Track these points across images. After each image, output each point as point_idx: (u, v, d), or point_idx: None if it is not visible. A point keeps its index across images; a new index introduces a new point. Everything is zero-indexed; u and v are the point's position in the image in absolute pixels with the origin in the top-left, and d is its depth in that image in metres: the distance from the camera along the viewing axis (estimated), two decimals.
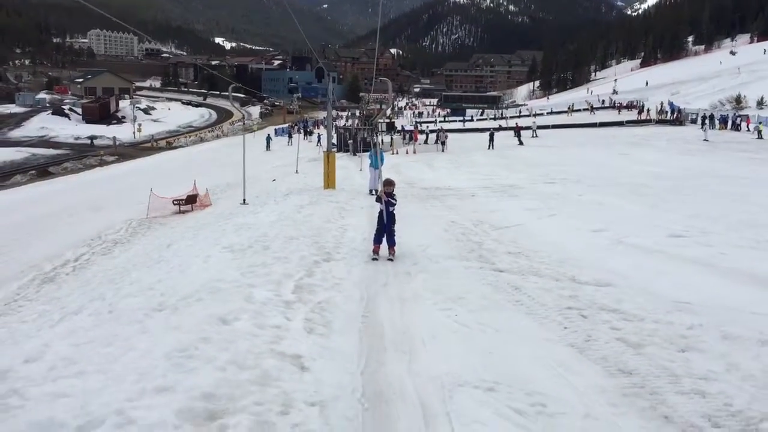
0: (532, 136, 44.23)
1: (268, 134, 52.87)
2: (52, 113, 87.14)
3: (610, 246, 9.24)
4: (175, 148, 62.77)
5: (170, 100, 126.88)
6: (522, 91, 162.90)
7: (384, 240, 8.55)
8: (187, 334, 4.30)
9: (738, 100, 60.99)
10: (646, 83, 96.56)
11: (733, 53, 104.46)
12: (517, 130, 41.04)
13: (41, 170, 47.68)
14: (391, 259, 8.32)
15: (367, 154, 24.17)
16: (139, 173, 41.12)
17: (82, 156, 54.60)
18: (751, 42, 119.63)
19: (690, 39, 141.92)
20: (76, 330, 4.99)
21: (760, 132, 37.07)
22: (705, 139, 36.42)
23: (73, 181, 39.52)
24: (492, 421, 3.42)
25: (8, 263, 16.93)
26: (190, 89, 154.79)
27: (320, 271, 7.11)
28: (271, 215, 12.59)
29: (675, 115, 56.59)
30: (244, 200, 16.75)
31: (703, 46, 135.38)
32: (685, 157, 28.60)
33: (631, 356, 4.40)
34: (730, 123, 46.55)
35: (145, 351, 4.01)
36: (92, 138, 65.40)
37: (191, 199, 21.46)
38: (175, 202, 21.24)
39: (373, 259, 8.34)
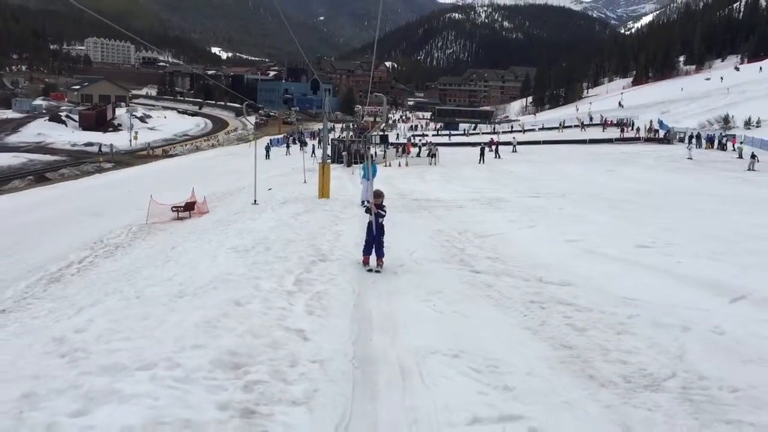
0: (513, 151, 46.08)
1: (268, 143, 54.27)
2: (49, 120, 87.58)
3: (581, 254, 10.14)
4: (172, 156, 63.43)
5: (166, 108, 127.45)
6: (515, 106, 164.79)
7: (373, 251, 8.74)
8: (210, 311, 5.22)
9: (726, 120, 62.45)
10: (619, 104, 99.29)
11: (737, 69, 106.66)
12: (494, 146, 43.38)
13: (38, 176, 48.25)
14: (378, 271, 8.49)
15: (360, 166, 24.98)
16: (137, 180, 41.67)
17: (79, 162, 55.35)
18: (741, 63, 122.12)
19: (681, 59, 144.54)
20: (110, 311, 5.88)
21: (741, 152, 38.32)
22: (689, 158, 37.62)
23: (73, 187, 40.15)
24: (454, 376, 4.38)
25: (15, 264, 17.64)
26: (186, 98, 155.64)
27: (317, 269, 8.01)
28: (269, 221, 13.42)
29: (664, 134, 58.11)
30: (255, 201, 17.84)
31: (694, 66, 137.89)
32: (669, 174, 29.71)
33: (575, 336, 5.37)
34: (716, 142, 47.93)
35: (177, 323, 4.91)
36: (100, 145, 65.98)
37: (189, 206, 22.10)
38: (173, 209, 21.91)
39: (367, 270, 8.53)
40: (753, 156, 32.75)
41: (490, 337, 5.30)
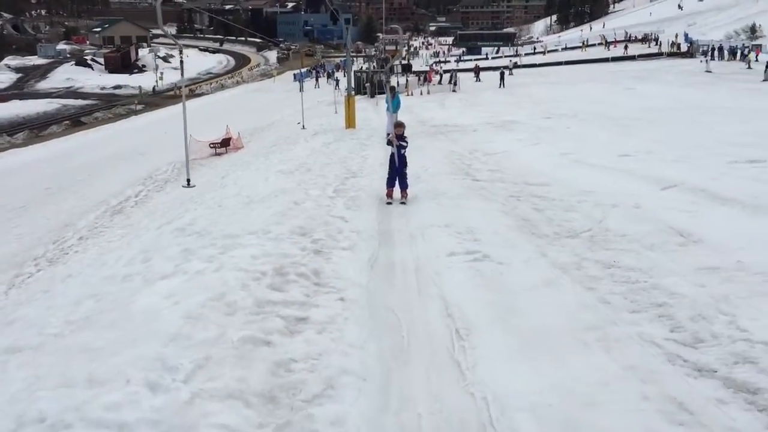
0: (509, 74, 46.46)
1: (300, 74, 55.56)
2: (76, 64, 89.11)
3: (569, 164, 11.99)
4: (198, 95, 64.30)
5: (187, 47, 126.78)
6: (539, 26, 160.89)
7: (396, 184, 8.98)
8: (279, 208, 7.61)
9: (753, 30, 60.90)
10: (679, 6, 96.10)
11: None
12: (476, 71, 44.85)
13: (74, 120, 49.85)
14: (403, 203, 8.77)
15: (384, 97, 26.48)
16: (170, 121, 43.25)
17: (111, 105, 57.33)
18: None
19: None
20: (203, 215, 8.23)
21: (749, 63, 38.46)
22: (708, 71, 37.74)
23: (112, 130, 42.39)
24: (443, 237, 6.74)
25: (81, 199, 19.95)
26: (206, 35, 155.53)
27: (350, 183, 10.28)
28: (305, 150, 15.62)
29: (687, 48, 57.30)
30: (303, 126, 19.80)
31: None
32: (685, 89, 30.08)
33: (534, 214, 7.63)
34: (738, 54, 47.37)
35: (258, 215, 7.27)
36: (154, 87, 67.97)
37: (226, 142, 23.98)
38: (211, 146, 23.86)
39: (387, 203, 8.82)
40: (767, 67, 33.22)
41: (472, 217, 7.60)
